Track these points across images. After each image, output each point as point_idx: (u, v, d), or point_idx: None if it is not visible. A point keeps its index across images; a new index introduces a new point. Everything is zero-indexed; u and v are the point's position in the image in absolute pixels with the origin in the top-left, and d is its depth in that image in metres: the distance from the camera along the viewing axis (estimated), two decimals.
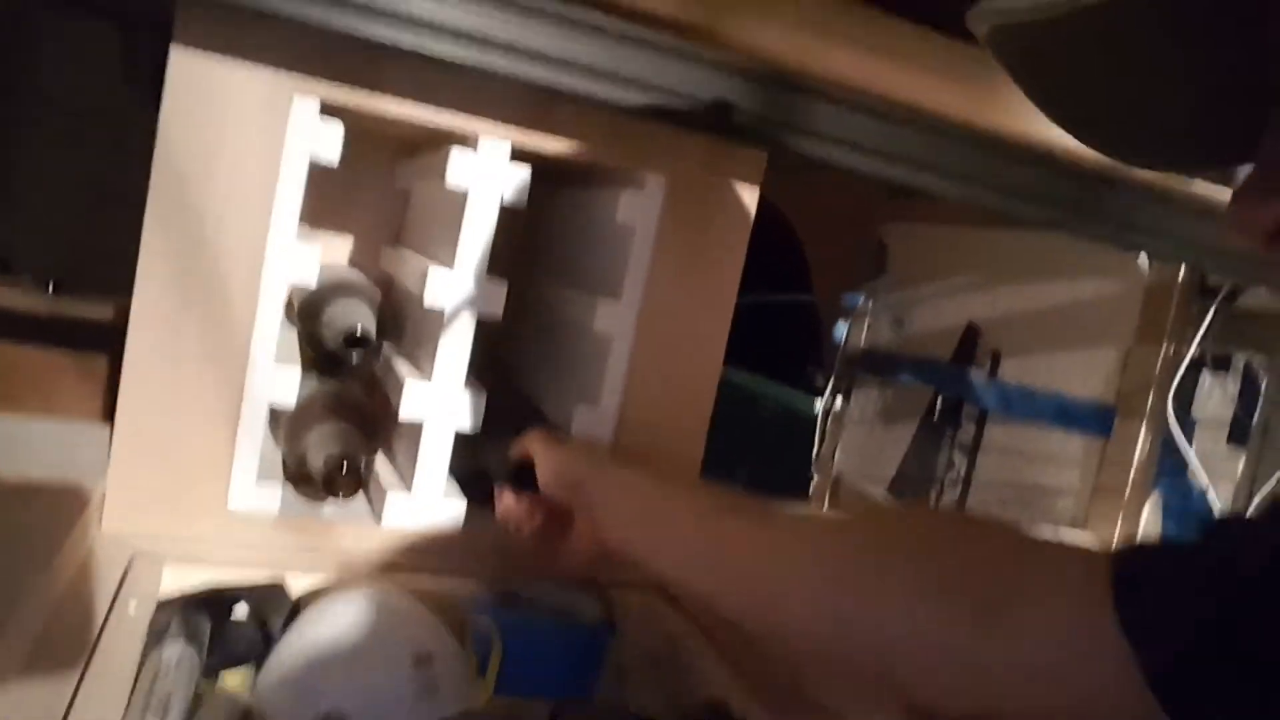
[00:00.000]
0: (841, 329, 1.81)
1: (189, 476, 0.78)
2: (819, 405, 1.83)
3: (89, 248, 1.97)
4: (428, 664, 0.67)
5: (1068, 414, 1.37)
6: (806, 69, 0.94)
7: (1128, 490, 1.27)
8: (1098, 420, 1.32)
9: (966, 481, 1.51)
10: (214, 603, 0.72)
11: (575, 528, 0.78)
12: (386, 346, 0.98)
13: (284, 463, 0.88)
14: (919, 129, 0.89)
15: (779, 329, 2.79)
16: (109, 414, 0.78)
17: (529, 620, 0.77)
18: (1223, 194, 1.14)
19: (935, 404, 1.59)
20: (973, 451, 1.51)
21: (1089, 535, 1.30)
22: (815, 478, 1.84)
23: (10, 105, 1.86)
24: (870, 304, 1.78)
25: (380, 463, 0.93)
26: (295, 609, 0.75)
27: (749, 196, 0.91)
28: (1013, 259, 1.50)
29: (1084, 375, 1.36)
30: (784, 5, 0.94)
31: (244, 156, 0.76)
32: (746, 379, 3.62)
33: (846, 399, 1.82)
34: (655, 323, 0.89)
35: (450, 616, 0.77)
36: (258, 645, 0.71)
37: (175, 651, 0.63)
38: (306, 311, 0.95)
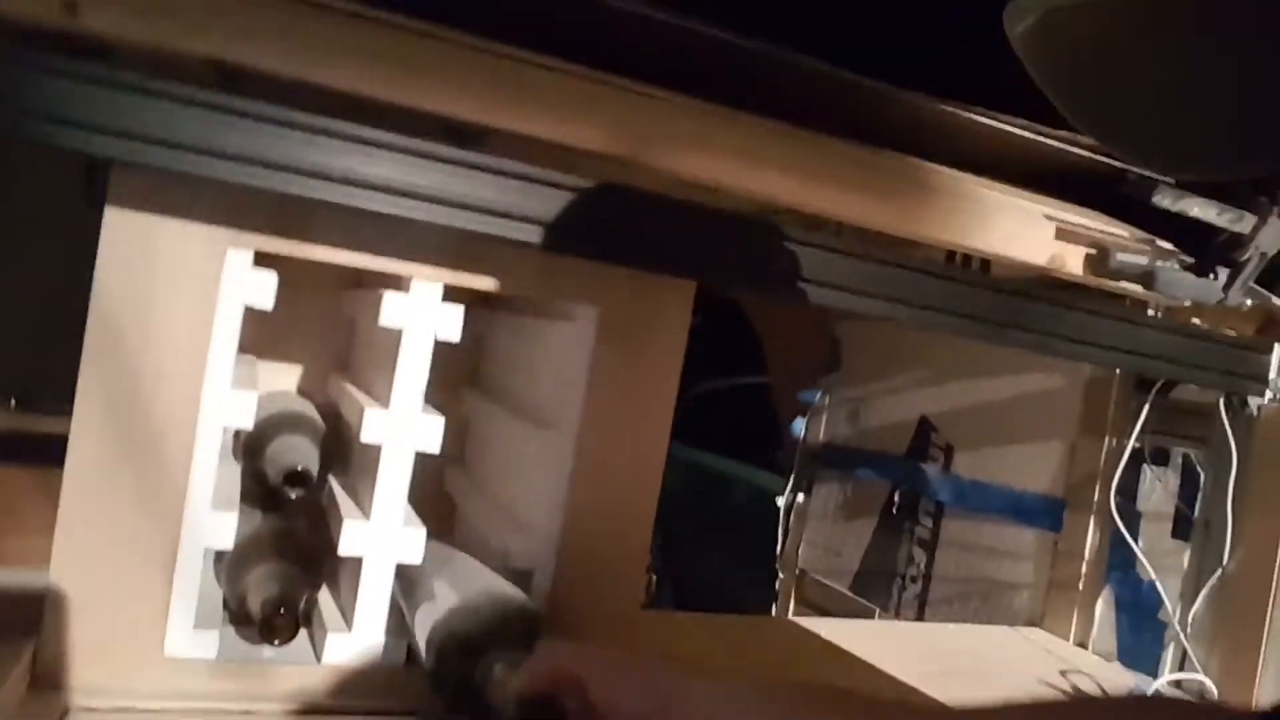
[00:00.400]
0: (799, 424, 1.84)
1: (124, 625, 0.78)
2: (781, 500, 1.84)
3: (50, 364, 1.98)
4: None
5: (1020, 508, 1.38)
6: (730, 192, 0.98)
7: (1081, 584, 1.28)
8: (1048, 514, 1.34)
9: (927, 577, 1.52)
10: None
11: None
12: (332, 478, 0.99)
13: (225, 604, 0.88)
14: (837, 254, 0.92)
15: (740, 413, 2.81)
16: None
17: None
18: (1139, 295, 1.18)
19: (893, 498, 1.61)
20: (931, 546, 1.52)
21: (1044, 634, 1.31)
22: (780, 575, 1.85)
23: None
24: (826, 399, 1.81)
25: (325, 599, 0.93)
26: None
27: (680, 325, 0.93)
28: (961, 354, 1.53)
29: (1034, 469, 1.38)
30: (711, 133, 0.98)
31: (179, 308, 0.77)
32: (720, 463, 3.64)
33: (808, 493, 1.83)
34: (592, 452, 0.91)
35: None
36: None
37: None
38: (250, 447, 0.95)
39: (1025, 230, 1.12)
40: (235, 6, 0.79)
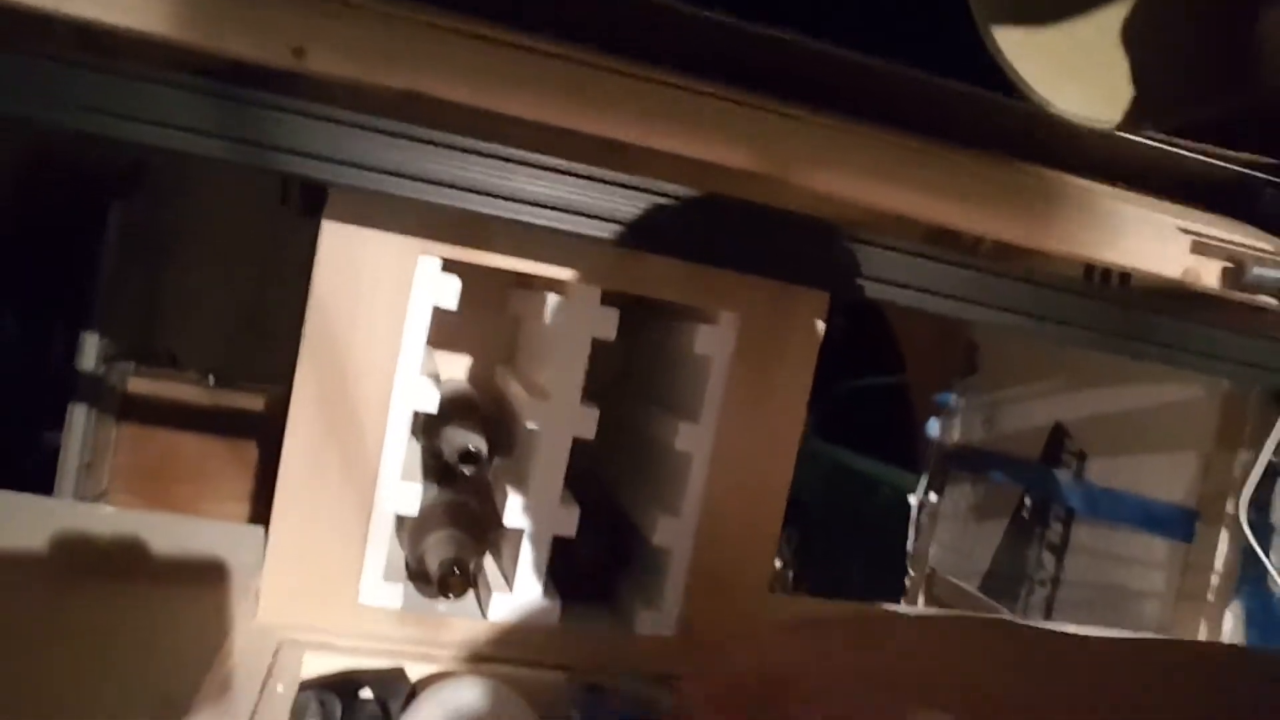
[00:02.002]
0: (934, 425, 1.88)
1: (327, 575, 0.93)
2: (914, 499, 1.88)
3: (243, 348, 2.22)
4: None
5: (1151, 517, 1.40)
6: (869, 210, 1.05)
7: (1210, 595, 1.29)
8: (1180, 524, 1.35)
9: (1055, 582, 1.55)
10: (344, 686, 0.85)
11: None
12: (498, 459, 1.11)
13: (406, 564, 1.01)
14: (963, 268, 0.98)
15: (879, 413, 2.84)
16: (256, 496, 0.93)
17: (611, 711, 0.88)
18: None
19: (1024, 502, 1.63)
20: (1060, 551, 1.54)
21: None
22: (911, 573, 1.89)
23: (184, 227, 2.13)
24: (962, 402, 1.84)
25: (490, 563, 1.06)
26: (413, 693, 0.88)
27: (814, 330, 1.01)
28: (1097, 362, 1.54)
29: (1167, 478, 1.39)
30: (846, 150, 1.05)
31: (379, 306, 0.91)
32: (860, 461, 3.65)
33: (940, 494, 1.87)
34: (729, 443, 1.00)
35: (543, 705, 0.88)
36: None
37: None
38: (429, 430, 1.09)
39: (1158, 243, 1.14)
40: (429, 46, 0.91)
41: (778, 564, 4.73)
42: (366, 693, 0.85)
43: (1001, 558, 1.67)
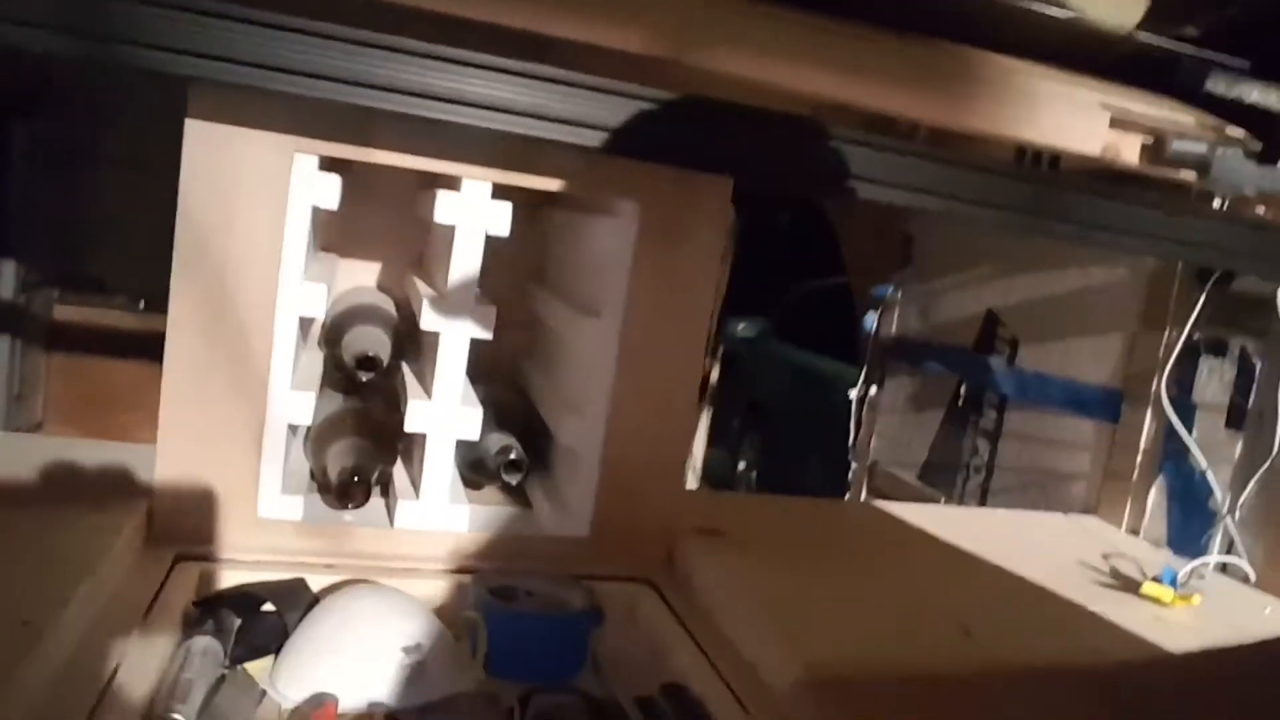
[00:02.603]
0: (871, 319, 1.86)
1: (222, 490, 0.90)
2: (853, 394, 1.88)
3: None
4: (416, 652, 0.76)
5: (1079, 400, 1.40)
6: (776, 90, 1.01)
7: (1135, 474, 1.30)
8: (1106, 405, 1.35)
9: (990, 468, 1.55)
10: (241, 601, 0.83)
11: None
12: (405, 364, 1.08)
13: (312, 475, 0.99)
14: (863, 146, 0.94)
15: (826, 310, 2.83)
16: None
17: (518, 612, 0.86)
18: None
19: (960, 391, 1.63)
20: (994, 438, 1.55)
21: (1098, 521, 1.33)
22: (854, 465, 1.90)
23: (100, 145, 2.04)
24: (898, 295, 1.83)
25: (400, 470, 1.04)
26: (315, 604, 0.86)
27: (719, 218, 0.98)
28: (1029, 247, 1.53)
29: (1095, 361, 1.39)
30: (749, 30, 1.00)
31: (254, 209, 0.86)
32: (812, 359, 3.66)
33: (880, 387, 1.86)
34: (635, 338, 0.97)
35: (451, 610, 0.87)
36: (279, 637, 0.81)
37: (201, 644, 0.74)
38: (330, 337, 1.05)
39: (1078, 119, 1.11)
40: None
41: (741, 465, 4.79)
42: (269, 606, 0.83)
43: (939, 447, 1.68)
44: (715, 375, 1.85)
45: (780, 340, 4.55)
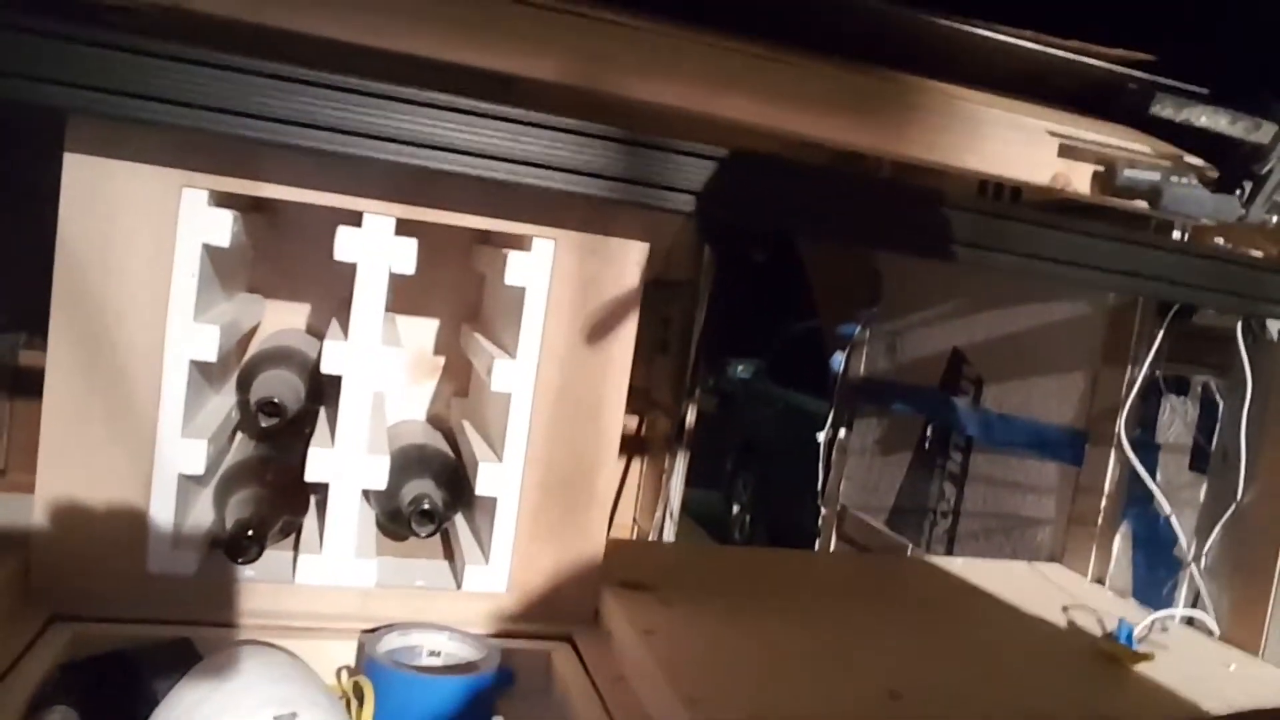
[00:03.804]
0: (839, 359, 1.81)
1: (107, 543, 0.85)
2: (821, 436, 1.82)
3: None
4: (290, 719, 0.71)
5: (1043, 441, 1.34)
6: (695, 116, 0.96)
7: (1099, 520, 1.23)
8: (1071, 447, 1.29)
9: (956, 513, 1.49)
10: (113, 664, 0.77)
11: None
12: (323, 410, 1.03)
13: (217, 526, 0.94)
14: (791, 176, 0.90)
15: (813, 352, 2.78)
16: None
17: (411, 675, 0.81)
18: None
19: (926, 433, 1.58)
20: (961, 481, 1.49)
21: (1062, 569, 1.27)
22: (823, 510, 1.84)
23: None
24: (866, 333, 1.78)
25: (309, 522, 0.98)
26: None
27: (636, 252, 0.93)
28: (994, 283, 1.48)
29: (1059, 400, 1.33)
30: (673, 57, 0.96)
31: (138, 246, 0.82)
32: (808, 401, 3.61)
33: (849, 429, 1.81)
34: (554, 381, 0.92)
35: (354, 671, 0.82)
36: (148, 704, 0.75)
37: (57, 715, 0.69)
38: (242, 380, 1.01)
39: (1025, 148, 1.07)
40: None
41: (735, 508, 4.73)
42: (141, 669, 0.78)
43: (906, 491, 1.62)
44: (692, 417, 1.80)
45: (772, 380, 4.51)
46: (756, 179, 0.90)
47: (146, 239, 0.82)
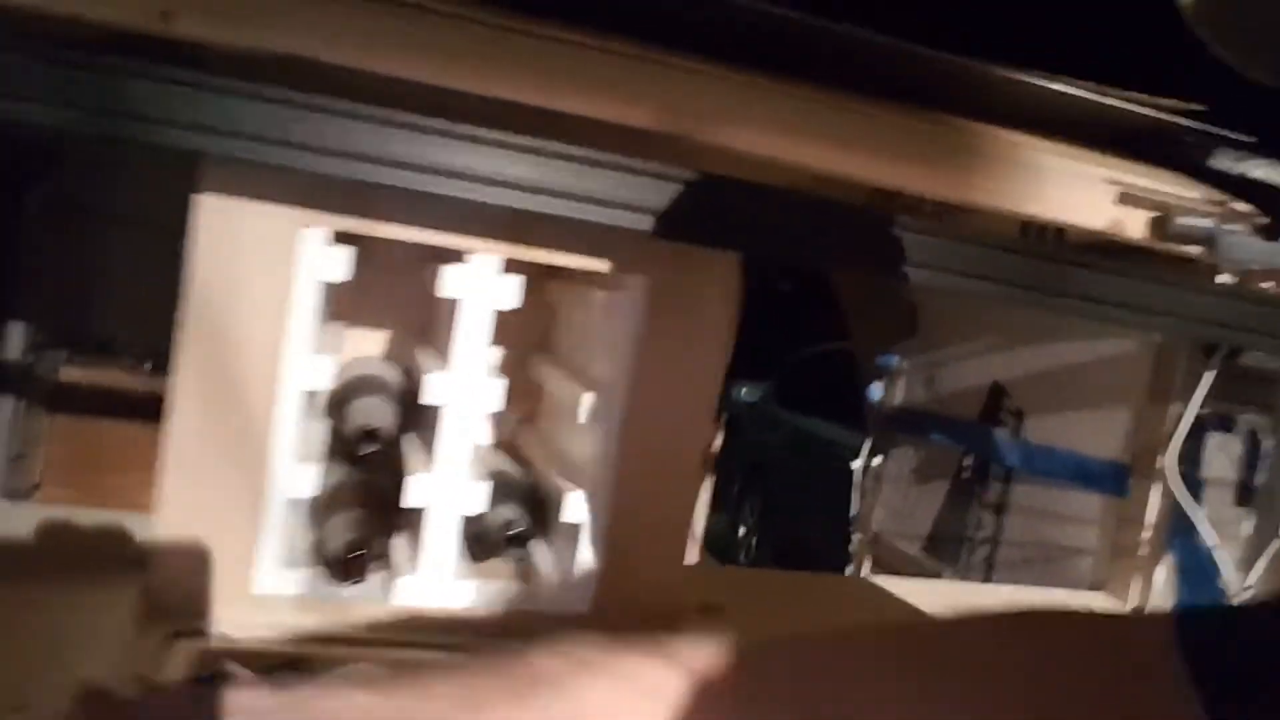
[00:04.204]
0: (876, 388, 1.86)
1: (220, 565, 0.89)
2: (856, 464, 1.87)
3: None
4: None
5: (1086, 473, 1.38)
6: (780, 165, 1.01)
7: (1143, 550, 1.28)
8: (1114, 480, 1.34)
9: (994, 541, 1.53)
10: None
11: None
12: (413, 435, 1.07)
13: (316, 549, 0.98)
14: (875, 223, 0.94)
15: (829, 378, 2.83)
16: None
17: None
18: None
19: (964, 463, 1.62)
20: (999, 510, 1.53)
21: (1105, 599, 1.31)
22: (856, 536, 1.88)
23: (116, 207, 2.05)
24: (904, 364, 1.82)
25: (402, 544, 1.02)
26: None
27: (727, 293, 0.98)
28: (1035, 319, 1.53)
29: (1102, 434, 1.38)
30: (755, 106, 1.01)
31: (262, 282, 0.86)
32: (824, 429, 3.65)
33: (884, 457, 1.85)
34: (641, 413, 0.96)
35: None
36: None
37: None
38: (333, 408, 1.05)
39: (1084, 194, 1.12)
40: (301, 6, 0.86)
41: (741, 530, 4.76)
42: None
43: (943, 519, 1.66)
44: (719, 442, 1.85)
45: (781, 404, 4.54)
46: (799, 217, 0.94)
47: (269, 275, 0.86)
